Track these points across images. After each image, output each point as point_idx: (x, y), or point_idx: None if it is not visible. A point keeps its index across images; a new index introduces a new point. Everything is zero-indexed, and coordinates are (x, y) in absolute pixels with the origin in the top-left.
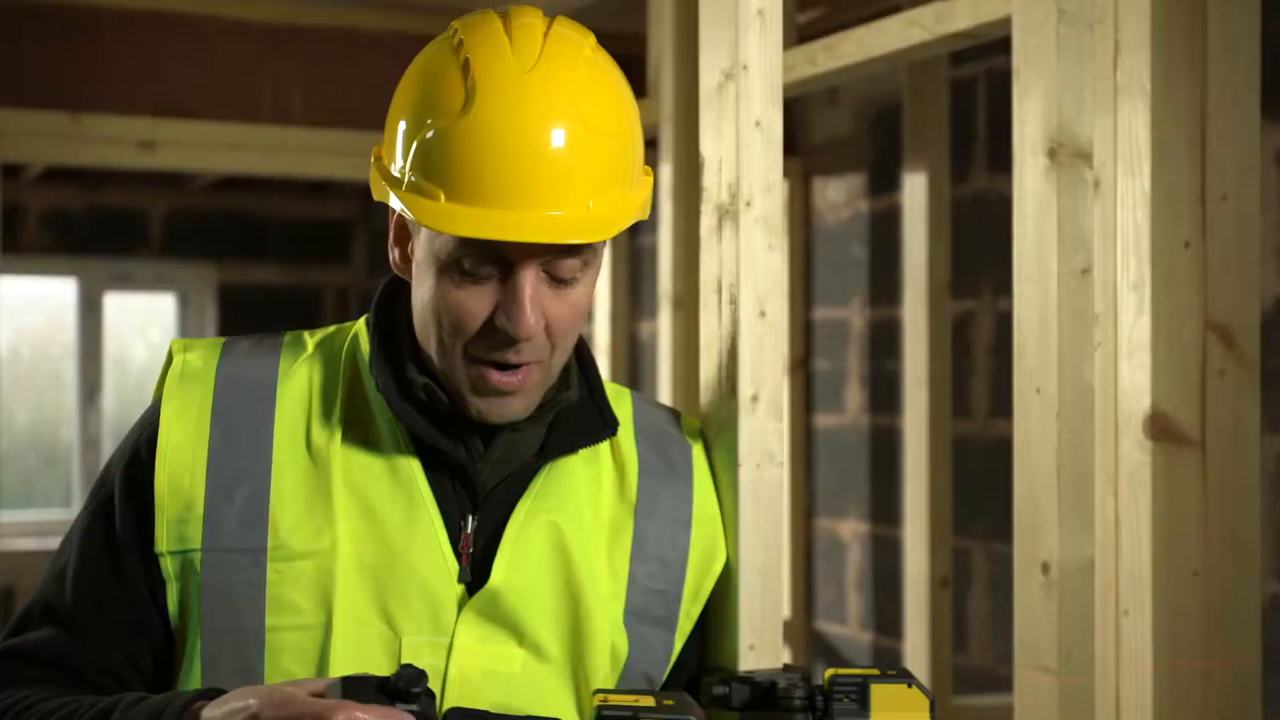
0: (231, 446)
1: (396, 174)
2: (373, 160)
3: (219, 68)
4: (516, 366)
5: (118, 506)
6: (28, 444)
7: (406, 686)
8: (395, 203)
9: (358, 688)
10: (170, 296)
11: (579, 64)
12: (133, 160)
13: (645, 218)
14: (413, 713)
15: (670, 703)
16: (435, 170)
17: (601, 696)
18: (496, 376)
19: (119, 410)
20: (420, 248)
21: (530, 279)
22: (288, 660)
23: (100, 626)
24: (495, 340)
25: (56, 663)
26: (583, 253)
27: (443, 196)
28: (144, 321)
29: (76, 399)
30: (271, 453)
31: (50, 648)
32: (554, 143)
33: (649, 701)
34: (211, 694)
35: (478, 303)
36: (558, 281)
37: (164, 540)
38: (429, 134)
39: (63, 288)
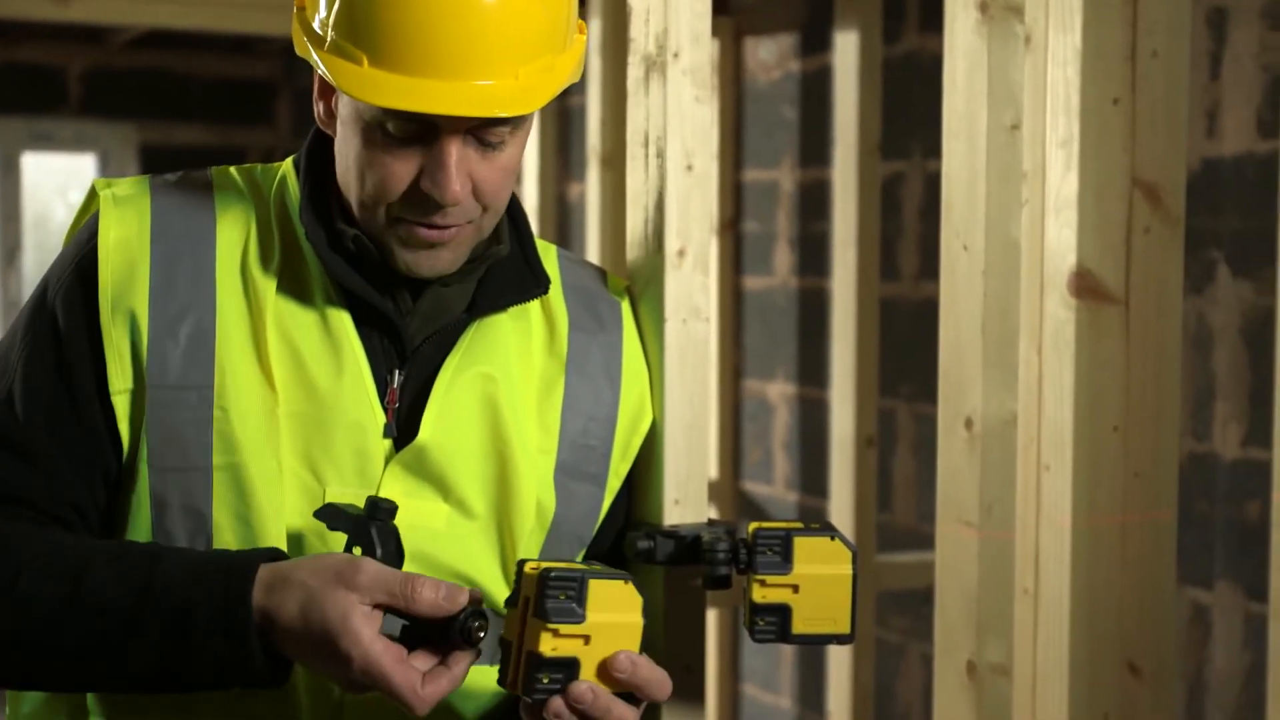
0: (173, 279)
1: (319, 30)
2: (295, 11)
3: None
4: (445, 227)
5: (64, 333)
6: None
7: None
8: (317, 62)
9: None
10: (90, 157)
11: None
12: (46, 12)
13: (577, 79)
14: (381, 528)
15: (598, 568)
16: (358, 32)
17: (533, 565)
18: (424, 231)
19: (39, 272)
20: (344, 106)
21: (456, 145)
22: (235, 500)
23: (60, 457)
24: (422, 204)
25: (17, 495)
26: (511, 119)
27: (365, 61)
28: (64, 182)
29: None
30: (215, 289)
31: (11, 478)
32: (484, 7)
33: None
34: (274, 556)
35: (403, 166)
36: (485, 145)
37: (115, 375)
38: None
39: None
